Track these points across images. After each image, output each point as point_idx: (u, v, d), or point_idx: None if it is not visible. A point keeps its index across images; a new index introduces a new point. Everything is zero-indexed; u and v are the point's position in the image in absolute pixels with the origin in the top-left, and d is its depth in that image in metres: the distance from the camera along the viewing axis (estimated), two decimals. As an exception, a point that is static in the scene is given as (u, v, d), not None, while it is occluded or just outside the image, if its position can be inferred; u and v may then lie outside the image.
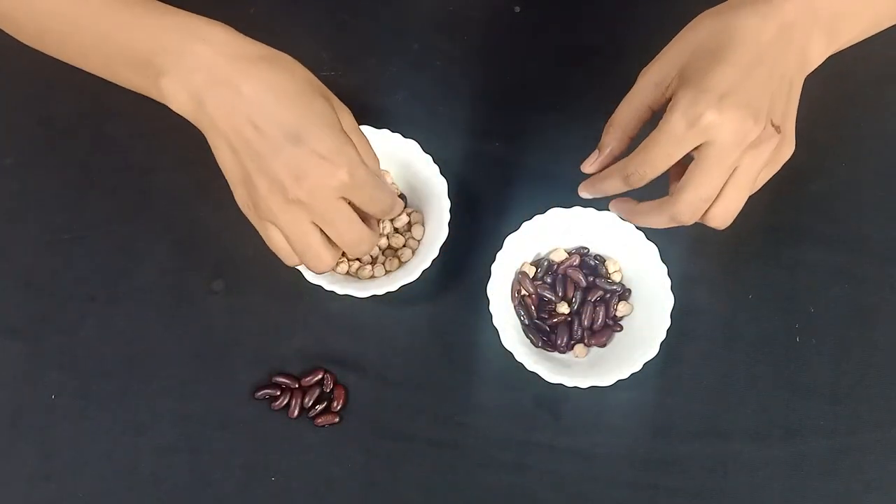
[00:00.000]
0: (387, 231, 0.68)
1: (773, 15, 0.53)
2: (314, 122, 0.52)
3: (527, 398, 0.66)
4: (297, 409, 0.65)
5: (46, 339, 0.67)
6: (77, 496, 0.64)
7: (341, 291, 0.63)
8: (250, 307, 0.68)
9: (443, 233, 0.65)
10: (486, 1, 0.75)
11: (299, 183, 0.52)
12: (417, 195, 0.68)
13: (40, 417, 0.65)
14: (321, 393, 0.66)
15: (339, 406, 0.66)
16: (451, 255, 0.66)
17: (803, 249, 0.70)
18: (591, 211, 0.66)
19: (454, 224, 0.65)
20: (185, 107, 0.53)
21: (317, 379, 0.66)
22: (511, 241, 0.65)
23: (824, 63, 0.58)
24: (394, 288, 0.64)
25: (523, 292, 0.67)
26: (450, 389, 0.67)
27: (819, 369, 0.68)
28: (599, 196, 0.59)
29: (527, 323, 0.67)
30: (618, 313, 0.67)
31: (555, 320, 0.66)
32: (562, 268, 0.68)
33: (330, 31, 0.74)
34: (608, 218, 0.65)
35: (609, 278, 0.68)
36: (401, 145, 0.66)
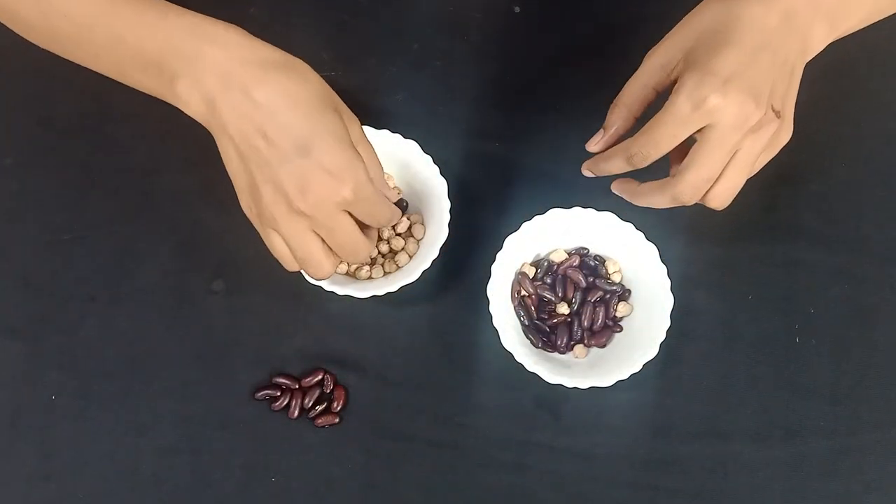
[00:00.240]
0: (386, 235, 0.68)
1: (776, 1, 0.54)
2: (323, 135, 0.52)
3: (527, 398, 0.66)
4: (298, 410, 0.65)
5: (46, 339, 0.67)
6: (77, 496, 0.64)
7: (341, 292, 0.63)
8: (251, 308, 0.68)
9: (443, 233, 0.65)
10: (486, 1, 0.75)
11: (304, 195, 0.52)
12: (417, 196, 0.68)
13: (40, 417, 0.65)
14: (321, 393, 0.66)
15: (339, 406, 0.66)
16: (451, 256, 0.66)
17: (803, 250, 0.70)
18: (590, 211, 0.66)
19: (454, 224, 0.65)
20: (198, 110, 0.53)
21: (317, 379, 0.66)
22: (511, 242, 0.65)
23: (824, 60, 0.58)
24: (394, 288, 0.64)
25: (523, 293, 0.67)
26: (450, 390, 0.67)
27: (819, 369, 0.68)
28: (602, 175, 0.60)
29: (527, 323, 0.67)
30: (617, 314, 0.67)
31: (555, 321, 0.66)
32: (562, 268, 0.68)
33: (330, 31, 0.74)
34: (608, 218, 0.66)
35: (609, 279, 0.68)
36: (401, 146, 0.66)
